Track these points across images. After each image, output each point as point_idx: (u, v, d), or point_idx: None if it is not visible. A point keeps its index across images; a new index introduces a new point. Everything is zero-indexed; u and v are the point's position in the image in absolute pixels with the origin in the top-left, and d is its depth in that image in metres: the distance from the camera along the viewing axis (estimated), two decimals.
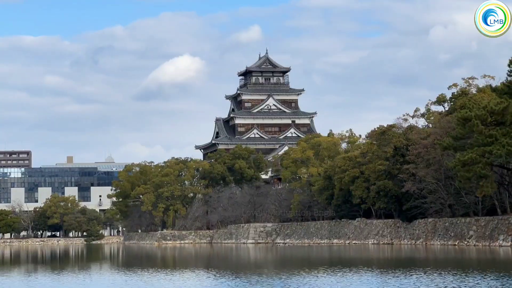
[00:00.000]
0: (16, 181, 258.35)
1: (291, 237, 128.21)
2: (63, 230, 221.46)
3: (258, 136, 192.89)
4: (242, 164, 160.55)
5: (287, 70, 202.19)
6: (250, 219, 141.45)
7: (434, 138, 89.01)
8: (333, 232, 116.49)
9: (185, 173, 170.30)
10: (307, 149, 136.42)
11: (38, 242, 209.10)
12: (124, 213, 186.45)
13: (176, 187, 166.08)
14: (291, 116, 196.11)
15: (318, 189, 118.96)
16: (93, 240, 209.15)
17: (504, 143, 69.85)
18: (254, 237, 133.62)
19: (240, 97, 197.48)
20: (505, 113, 71.76)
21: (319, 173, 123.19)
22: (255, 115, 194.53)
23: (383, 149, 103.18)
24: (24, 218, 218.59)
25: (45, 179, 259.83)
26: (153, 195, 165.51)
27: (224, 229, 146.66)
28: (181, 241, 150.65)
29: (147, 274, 44.33)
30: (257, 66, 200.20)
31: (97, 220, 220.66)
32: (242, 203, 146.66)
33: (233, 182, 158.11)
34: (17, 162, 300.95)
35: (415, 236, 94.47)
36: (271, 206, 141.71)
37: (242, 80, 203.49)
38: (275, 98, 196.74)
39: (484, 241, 79.74)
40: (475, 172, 71.62)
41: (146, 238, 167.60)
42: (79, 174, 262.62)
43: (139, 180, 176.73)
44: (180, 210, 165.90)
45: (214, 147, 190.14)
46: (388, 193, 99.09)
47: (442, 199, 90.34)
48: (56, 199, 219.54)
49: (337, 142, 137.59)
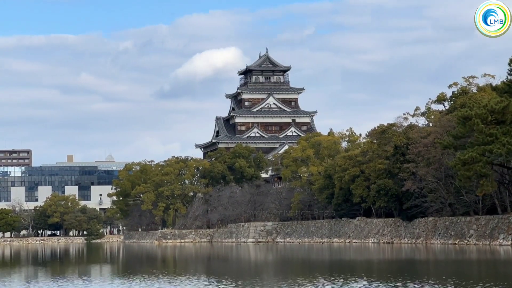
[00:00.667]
0: (16, 180, 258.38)
1: (291, 236, 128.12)
2: (63, 229, 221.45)
3: (258, 135, 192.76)
4: (243, 163, 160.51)
5: (287, 69, 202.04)
6: (251, 218, 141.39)
7: (435, 137, 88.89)
8: (333, 231, 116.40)
9: (186, 172, 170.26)
10: (307, 148, 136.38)
11: (38, 241, 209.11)
12: (124, 212, 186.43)
13: (176, 186, 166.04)
14: (291, 115, 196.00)
15: (318, 188, 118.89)
16: (93, 239, 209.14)
17: (505, 142, 69.75)
18: (255, 236, 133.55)
19: (240, 96, 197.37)
20: (505, 112, 71.64)
21: (319, 172, 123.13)
22: (256, 114, 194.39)
23: (383, 148, 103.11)
24: (24, 217, 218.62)
25: (45, 178, 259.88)
26: (153, 194, 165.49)
27: (225, 228, 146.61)
28: (181, 240, 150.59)
29: (147, 279, 44.13)
30: (257, 65, 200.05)
31: (97, 219, 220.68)
32: (242, 202, 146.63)
33: (233, 181, 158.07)
34: (17, 161, 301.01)
35: (415, 235, 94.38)
36: (271, 205, 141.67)
37: (242, 79, 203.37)
38: (276, 97, 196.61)
39: (485, 240, 79.64)
40: (476, 171, 71.52)
41: (147, 237, 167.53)
42: (79, 173, 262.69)
43: (139, 179, 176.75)
44: (180, 209, 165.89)
45: (214, 146, 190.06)
46: (388, 192, 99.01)
47: (443, 198, 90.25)
48: (56, 198, 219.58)
49: (337, 141, 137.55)
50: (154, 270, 53.60)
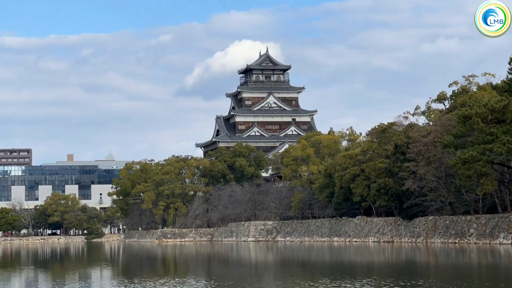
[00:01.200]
0: (16, 179, 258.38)
1: (291, 235, 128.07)
2: (63, 228, 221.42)
3: (258, 134, 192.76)
4: (243, 162, 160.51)
5: (288, 68, 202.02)
6: (251, 217, 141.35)
7: (435, 136, 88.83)
8: (333, 230, 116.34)
9: (186, 171, 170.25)
10: (307, 147, 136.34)
11: (38, 240, 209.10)
12: (125, 211, 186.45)
13: (176, 185, 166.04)
14: (292, 114, 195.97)
15: (318, 187, 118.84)
16: (93, 238, 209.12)
17: (505, 141, 69.70)
18: (255, 235, 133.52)
19: (240, 95, 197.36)
20: (505, 111, 71.58)
21: (320, 171, 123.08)
22: (256, 113, 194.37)
23: (383, 147, 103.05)
24: (24, 216, 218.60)
25: (46, 177, 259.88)
26: (153, 193, 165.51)
27: (225, 227, 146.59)
28: (181, 239, 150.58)
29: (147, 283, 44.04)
30: (257, 64, 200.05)
31: (98, 218, 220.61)
32: (242, 201, 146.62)
33: (233, 180, 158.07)
34: (17, 160, 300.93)
35: (415, 234, 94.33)
36: (272, 204, 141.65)
37: (242, 78, 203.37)
38: (276, 96, 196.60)
39: (485, 239, 79.59)
40: (476, 170, 71.46)
41: (147, 236, 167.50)
42: (79, 172, 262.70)
43: (139, 178, 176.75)
44: (181, 208, 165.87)
45: (215, 145, 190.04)
46: (389, 191, 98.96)
47: (443, 197, 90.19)
48: (57, 197, 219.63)
49: (338, 140, 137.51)
50: (154, 274, 53.39)
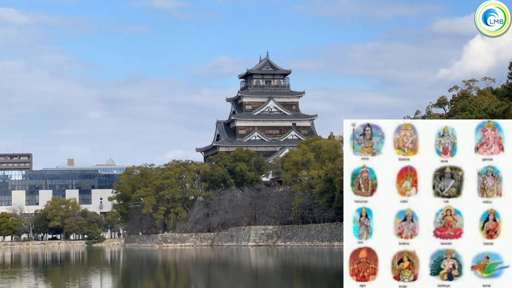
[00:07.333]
0: (17, 184, 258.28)
1: (292, 239, 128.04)
2: (64, 233, 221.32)
3: (258, 138, 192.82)
4: (243, 167, 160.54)
5: (288, 73, 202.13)
6: (251, 222, 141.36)
7: None
8: (334, 234, 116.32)
9: (186, 176, 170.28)
10: (307, 151, 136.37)
11: (39, 245, 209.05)
12: (125, 215, 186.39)
13: (177, 190, 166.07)
14: (292, 118, 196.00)
15: (319, 191, 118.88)
16: (94, 243, 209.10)
17: None
18: (255, 239, 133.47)
19: (240, 100, 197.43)
20: (505, 115, 71.55)
21: (320, 175, 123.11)
22: (256, 118, 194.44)
23: None
24: (25, 221, 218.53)
25: (46, 181, 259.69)
26: (154, 197, 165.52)
27: (225, 232, 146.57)
28: (182, 244, 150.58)
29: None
30: (257, 69, 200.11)
31: (98, 223, 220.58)
32: (243, 205, 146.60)
33: (234, 185, 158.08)
34: (18, 165, 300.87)
35: None
36: (272, 208, 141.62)
37: (243, 82, 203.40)
38: (276, 101, 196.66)
39: None
40: None
41: (147, 240, 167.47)
42: (80, 177, 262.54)
43: (140, 182, 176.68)
44: (181, 212, 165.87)
45: (215, 149, 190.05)
46: None
47: None
48: (57, 202, 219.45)
49: (338, 145, 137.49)
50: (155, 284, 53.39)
